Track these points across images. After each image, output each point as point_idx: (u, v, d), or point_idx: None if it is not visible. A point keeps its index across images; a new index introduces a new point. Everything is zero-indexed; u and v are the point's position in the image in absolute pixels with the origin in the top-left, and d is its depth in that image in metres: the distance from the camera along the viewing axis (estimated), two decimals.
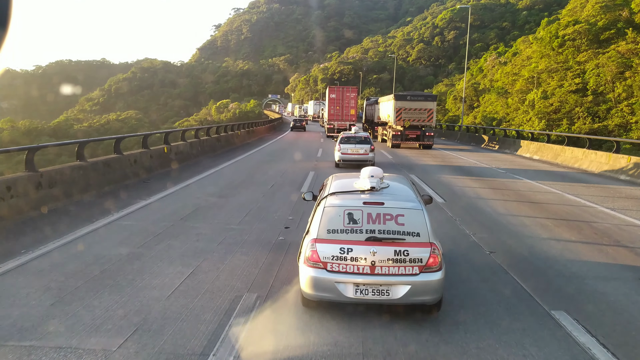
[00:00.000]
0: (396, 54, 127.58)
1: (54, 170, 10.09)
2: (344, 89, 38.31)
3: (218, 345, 4.46)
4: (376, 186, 5.36)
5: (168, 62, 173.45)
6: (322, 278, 4.84)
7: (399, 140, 27.58)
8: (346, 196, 5.28)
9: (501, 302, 5.64)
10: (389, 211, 4.98)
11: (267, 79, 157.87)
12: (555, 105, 33.76)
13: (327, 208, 5.10)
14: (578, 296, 5.93)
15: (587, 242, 8.39)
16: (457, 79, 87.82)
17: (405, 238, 4.87)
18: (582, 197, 12.86)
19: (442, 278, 4.87)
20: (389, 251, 4.80)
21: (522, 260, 7.31)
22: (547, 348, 4.57)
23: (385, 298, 4.81)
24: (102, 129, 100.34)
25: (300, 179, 15.20)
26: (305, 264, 4.97)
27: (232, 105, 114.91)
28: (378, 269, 4.79)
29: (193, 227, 8.74)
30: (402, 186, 5.82)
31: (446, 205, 11.14)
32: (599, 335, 4.85)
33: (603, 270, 6.93)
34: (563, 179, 16.51)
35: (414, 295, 4.80)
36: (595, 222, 9.90)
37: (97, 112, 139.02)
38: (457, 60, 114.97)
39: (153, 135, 18.54)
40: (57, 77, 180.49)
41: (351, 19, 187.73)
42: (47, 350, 4.29)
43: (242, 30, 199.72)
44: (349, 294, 4.82)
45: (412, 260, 4.79)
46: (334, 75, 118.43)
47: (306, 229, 5.50)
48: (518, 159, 23.74)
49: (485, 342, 4.65)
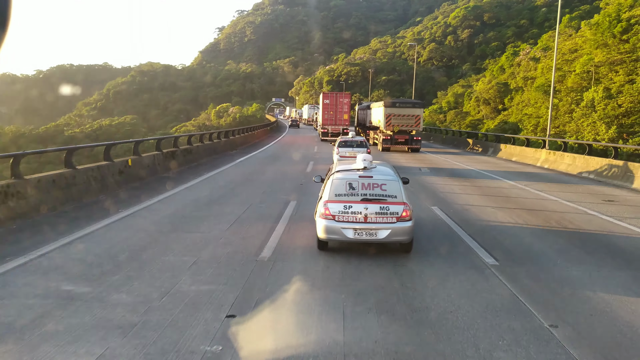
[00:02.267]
0: (406, 54, 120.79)
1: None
2: (338, 94, 40.07)
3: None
4: (367, 166, 8.03)
5: (169, 65, 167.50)
6: (332, 226, 7.36)
7: (388, 144, 29.27)
8: (347, 172, 7.93)
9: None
10: (376, 181, 7.66)
11: (270, 82, 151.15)
12: (625, 106, 26.47)
13: (334, 180, 7.76)
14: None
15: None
16: (473, 80, 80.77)
17: (387, 199, 7.49)
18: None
19: (412, 225, 7.42)
20: (376, 207, 7.39)
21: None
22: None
23: (374, 238, 7.35)
24: (93, 135, 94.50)
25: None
26: (321, 217, 7.48)
27: (232, 109, 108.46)
28: (369, 219, 7.35)
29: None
30: (385, 168, 8.45)
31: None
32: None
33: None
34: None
35: (393, 236, 7.33)
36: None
37: (95, 117, 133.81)
38: (472, 60, 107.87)
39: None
40: (58, 81, 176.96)
41: (358, 20, 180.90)
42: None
43: (246, 33, 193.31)
44: (350, 236, 7.36)
45: (391, 213, 7.37)
46: (340, 77, 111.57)
47: (319, 196, 8.14)
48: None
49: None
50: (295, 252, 7.77)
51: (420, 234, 8.64)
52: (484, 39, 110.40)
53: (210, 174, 17.23)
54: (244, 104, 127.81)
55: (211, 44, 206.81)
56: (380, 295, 5.96)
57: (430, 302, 5.75)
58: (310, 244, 8.07)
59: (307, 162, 22.08)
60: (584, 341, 4.84)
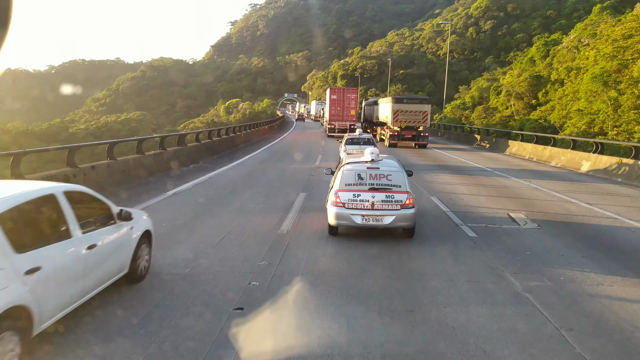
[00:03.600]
0: (425, 47, 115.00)
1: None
2: (345, 90, 39.57)
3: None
4: (375, 159, 8.80)
5: (179, 60, 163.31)
6: (343, 212, 8.13)
7: (395, 140, 29.14)
8: (356, 164, 8.66)
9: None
10: (382, 172, 8.41)
11: (283, 78, 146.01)
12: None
13: (345, 171, 8.50)
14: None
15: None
16: (499, 73, 74.99)
17: (392, 188, 8.25)
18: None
19: (415, 212, 8.21)
20: (382, 196, 8.14)
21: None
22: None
23: (379, 224, 8.11)
24: (97, 132, 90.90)
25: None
26: (332, 205, 8.26)
27: (242, 105, 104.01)
28: (376, 206, 8.09)
29: None
30: (391, 160, 9.18)
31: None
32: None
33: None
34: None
35: (397, 222, 8.12)
36: None
37: (103, 113, 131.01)
38: (495, 52, 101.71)
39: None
40: (70, 77, 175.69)
41: (374, 12, 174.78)
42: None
43: (258, 26, 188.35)
44: (358, 221, 8.12)
45: (396, 201, 8.10)
46: (355, 70, 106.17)
47: (330, 186, 9.03)
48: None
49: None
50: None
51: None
52: (508, 31, 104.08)
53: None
54: (256, 99, 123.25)
55: (223, 38, 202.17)
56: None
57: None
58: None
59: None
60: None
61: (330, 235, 8.57)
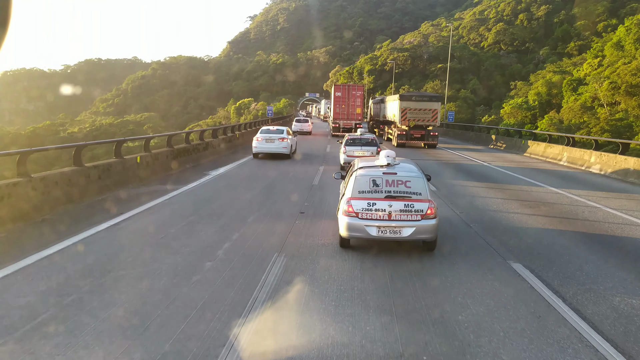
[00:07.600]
0: (466, 38, 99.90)
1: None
2: (350, 87, 38.42)
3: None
4: (391, 162, 7.75)
5: (193, 57, 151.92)
6: (356, 223, 7.21)
7: (404, 139, 28.29)
8: (370, 169, 7.65)
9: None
10: (400, 178, 7.40)
11: (304, 75, 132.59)
12: None
13: (358, 177, 7.50)
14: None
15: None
16: (568, 64, 59.82)
17: (411, 196, 7.27)
18: None
19: (436, 224, 7.22)
20: (400, 205, 7.19)
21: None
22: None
23: (397, 236, 7.18)
24: (90, 135, 79.88)
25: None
26: (344, 215, 7.31)
27: (254, 105, 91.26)
28: (393, 217, 7.15)
29: None
30: (409, 164, 8.15)
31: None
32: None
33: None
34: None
35: (417, 234, 7.17)
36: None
37: (111, 114, 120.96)
38: (551, 43, 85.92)
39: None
40: (86, 76, 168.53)
41: (405, 4, 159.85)
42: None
43: (279, 20, 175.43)
44: (374, 234, 7.20)
45: (416, 210, 7.14)
46: (385, 65, 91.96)
47: (341, 194, 8.18)
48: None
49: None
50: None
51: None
52: (566, 17, 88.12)
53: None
54: (273, 99, 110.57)
55: (241, 34, 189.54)
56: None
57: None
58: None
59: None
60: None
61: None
